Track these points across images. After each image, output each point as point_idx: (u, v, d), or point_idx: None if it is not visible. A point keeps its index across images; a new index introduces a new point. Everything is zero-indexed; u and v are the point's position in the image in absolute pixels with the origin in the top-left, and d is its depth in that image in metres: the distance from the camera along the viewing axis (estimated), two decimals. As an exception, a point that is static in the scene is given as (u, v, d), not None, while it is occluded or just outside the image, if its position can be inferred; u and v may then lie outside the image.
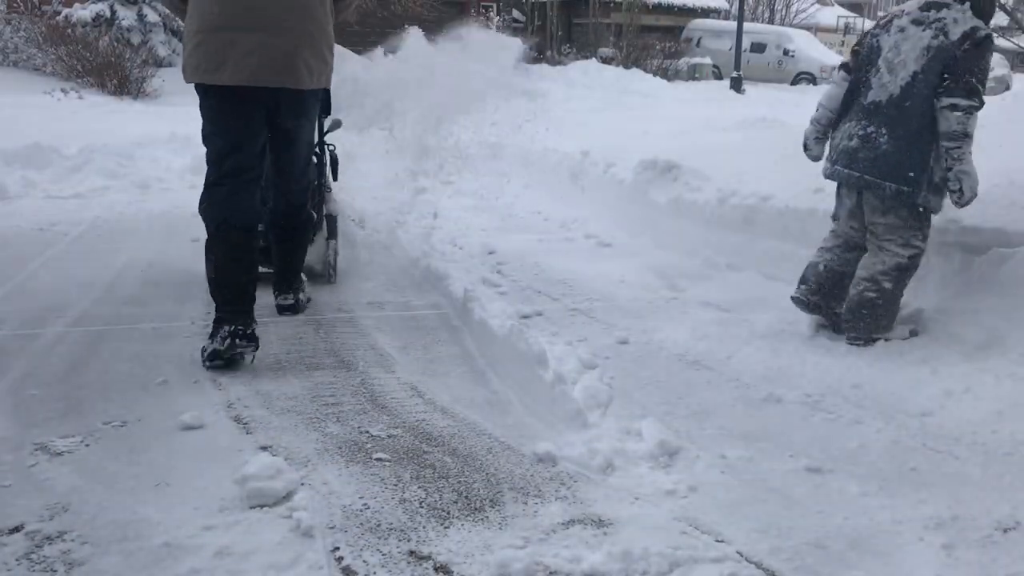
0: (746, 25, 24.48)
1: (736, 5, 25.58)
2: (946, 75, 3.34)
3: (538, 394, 3.04)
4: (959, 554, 2.12)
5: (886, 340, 3.54)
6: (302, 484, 2.43)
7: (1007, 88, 21.81)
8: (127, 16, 16.67)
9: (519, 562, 2.04)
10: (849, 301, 3.60)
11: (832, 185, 3.81)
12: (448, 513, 2.31)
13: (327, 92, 3.98)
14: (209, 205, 3.39)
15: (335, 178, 4.72)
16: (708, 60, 25.14)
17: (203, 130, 3.45)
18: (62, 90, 13.35)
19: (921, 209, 3.49)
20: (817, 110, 3.79)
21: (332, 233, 4.63)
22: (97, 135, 8.98)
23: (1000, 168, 4.41)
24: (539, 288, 4.69)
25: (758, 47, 26.42)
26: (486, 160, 7.43)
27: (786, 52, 26.54)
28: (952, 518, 2.28)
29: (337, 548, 2.14)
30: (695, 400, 3.12)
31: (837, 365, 3.38)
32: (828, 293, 3.69)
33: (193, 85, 3.38)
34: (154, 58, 16.13)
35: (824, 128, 3.76)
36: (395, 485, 2.46)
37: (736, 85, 21.11)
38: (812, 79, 25.04)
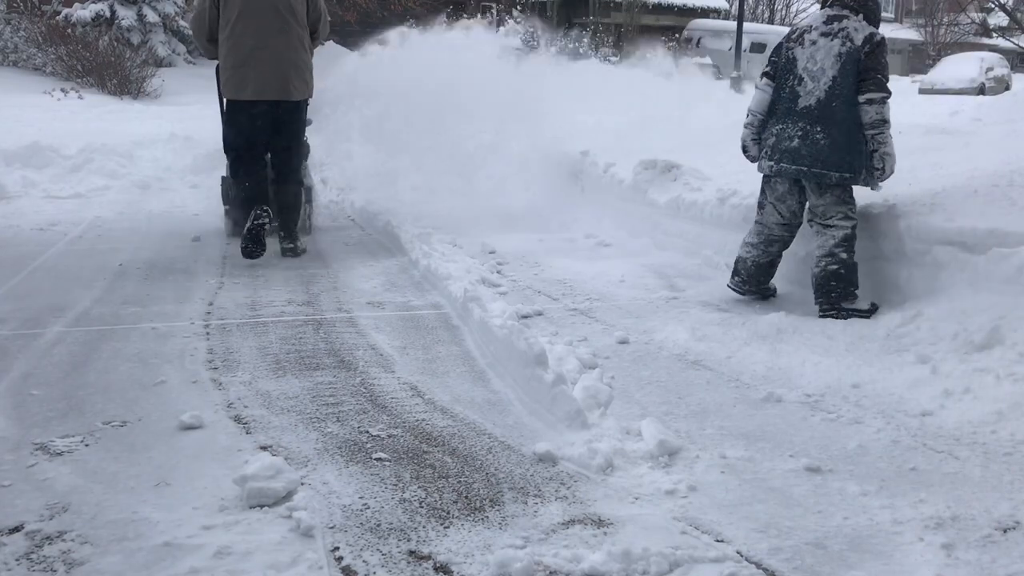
0: (746, 25, 24.44)
1: (736, 5, 25.57)
2: (859, 76, 3.92)
3: (538, 394, 3.04)
4: (959, 554, 2.12)
5: (851, 312, 3.89)
6: (302, 484, 2.43)
7: (1007, 88, 21.82)
8: (127, 16, 16.66)
9: (519, 562, 2.04)
10: (816, 279, 4.05)
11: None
12: (448, 513, 2.31)
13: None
14: (236, 178, 5.49)
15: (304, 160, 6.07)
16: (708, 60, 25.11)
17: (225, 124, 5.45)
18: (62, 90, 13.34)
19: (851, 189, 4.05)
20: (749, 116, 4.32)
21: (308, 199, 6.10)
22: (97, 135, 8.99)
23: (1000, 168, 4.42)
24: (539, 288, 4.69)
25: (758, 47, 26.35)
26: (486, 160, 7.43)
27: (786, 52, 26.47)
28: (952, 518, 2.28)
29: (337, 548, 2.14)
30: (695, 400, 3.12)
31: (837, 365, 3.38)
32: (757, 280, 4.31)
33: (225, 98, 5.44)
34: (154, 58, 16.12)
35: (758, 130, 4.30)
36: (395, 485, 2.46)
37: (736, 85, 21.10)
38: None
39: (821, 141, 3.97)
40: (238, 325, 3.99)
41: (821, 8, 4.21)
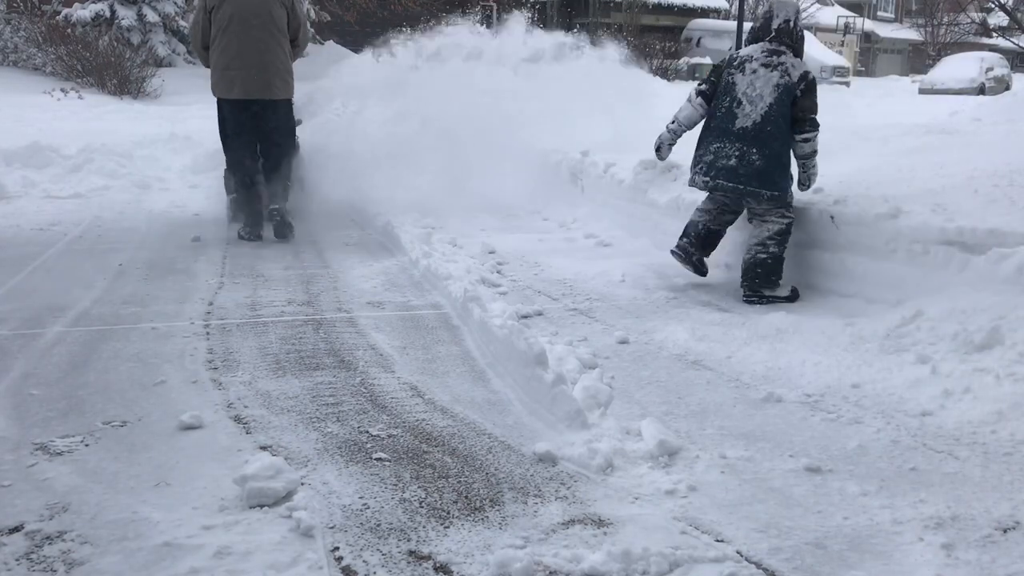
0: (746, 25, 24.40)
1: (736, 5, 25.56)
2: (794, 113, 4.36)
3: (538, 394, 3.04)
4: (959, 554, 2.12)
5: (772, 299, 4.31)
6: (302, 484, 2.43)
7: (1007, 88, 21.82)
8: (127, 16, 16.66)
9: (519, 562, 2.04)
10: (745, 264, 4.42)
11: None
12: (448, 513, 2.31)
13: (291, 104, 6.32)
14: (231, 167, 6.28)
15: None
16: (708, 60, 25.10)
17: (220, 122, 6.13)
18: (62, 90, 13.34)
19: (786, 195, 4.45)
20: (675, 123, 4.80)
21: (299, 189, 6.66)
22: (97, 135, 8.99)
23: (1000, 168, 4.42)
24: (539, 288, 4.69)
25: (758, 47, 26.33)
26: (486, 160, 7.42)
27: (786, 52, 26.44)
28: (952, 518, 2.28)
29: (337, 548, 2.14)
30: (695, 400, 3.12)
31: (837, 365, 3.38)
32: (703, 246, 4.58)
33: (216, 98, 6.07)
34: (154, 58, 16.12)
35: (677, 138, 4.84)
36: (395, 485, 2.46)
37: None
38: (812, 79, 25.01)
39: (756, 162, 4.36)
40: (238, 325, 3.99)
41: (755, 42, 4.56)
